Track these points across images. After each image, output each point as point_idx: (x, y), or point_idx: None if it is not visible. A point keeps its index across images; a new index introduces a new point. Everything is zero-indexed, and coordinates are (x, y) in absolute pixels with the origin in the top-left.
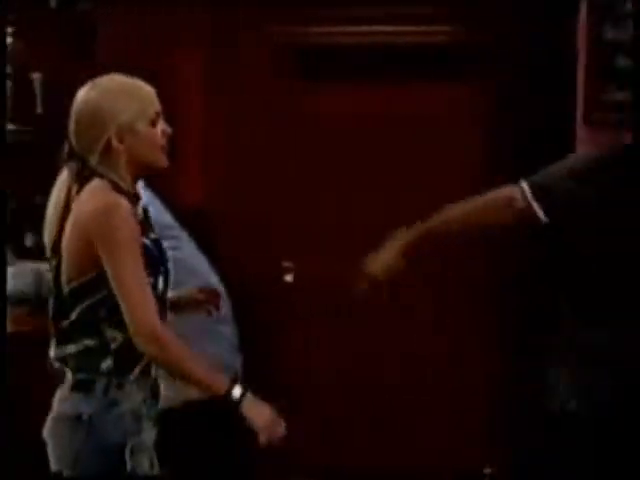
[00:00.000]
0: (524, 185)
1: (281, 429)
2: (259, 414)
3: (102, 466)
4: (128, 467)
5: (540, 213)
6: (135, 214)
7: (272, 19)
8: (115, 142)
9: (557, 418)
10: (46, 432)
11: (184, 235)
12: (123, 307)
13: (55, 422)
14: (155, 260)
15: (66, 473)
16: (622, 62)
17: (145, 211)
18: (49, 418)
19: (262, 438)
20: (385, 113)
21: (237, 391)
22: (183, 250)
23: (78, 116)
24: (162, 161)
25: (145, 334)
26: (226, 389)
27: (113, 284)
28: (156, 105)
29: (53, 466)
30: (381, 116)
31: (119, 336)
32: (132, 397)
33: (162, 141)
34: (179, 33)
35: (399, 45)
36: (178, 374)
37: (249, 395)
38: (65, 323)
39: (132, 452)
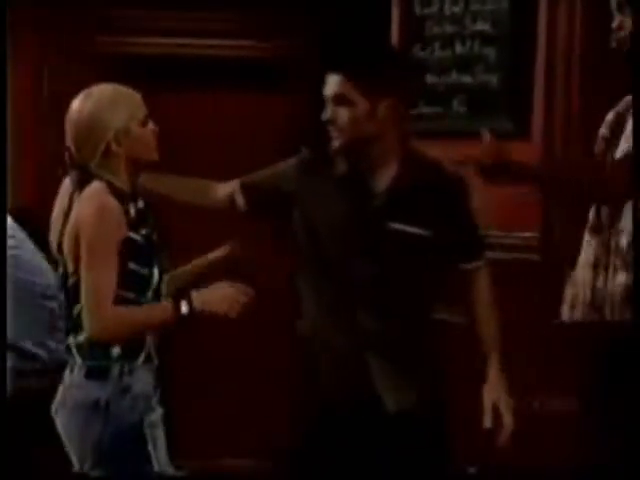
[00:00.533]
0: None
1: (243, 295)
2: (212, 302)
3: (123, 446)
4: (149, 442)
5: (240, 202)
6: (126, 212)
7: (102, 29)
8: (114, 146)
9: None
10: (61, 420)
11: (23, 235)
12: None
13: (71, 410)
14: (146, 253)
15: (89, 459)
16: (430, 79)
17: (144, 207)
18: (59, 405)
19: (231, 315)
20: (204, 122)
21: (184, 307)
22: (24, 249)
23: (77, 126)
24: (155, 156)
25: (94, 337)
26: (175, 313)
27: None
28: (144, 108)
29: (73, 453)
30: (202, 124)
31: None
32: (142, 381)
33: (153, 140)
34: (14, 37)
35: (222, 57)
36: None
37: (194, 296)
38: (74, 313)
39: (151, 427)
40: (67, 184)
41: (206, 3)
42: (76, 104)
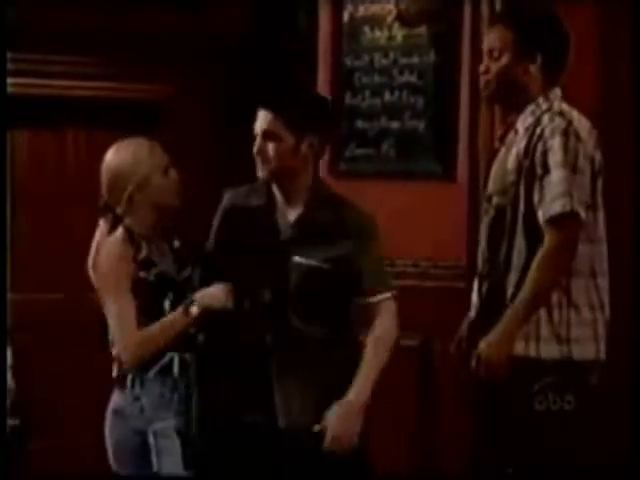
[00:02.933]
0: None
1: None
2: (214, 296)
3: (129, 451)
4: (153, 451)
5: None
6: (135, 256)
7: None
8: (137, 195)
9: None
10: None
11: None
12: None
13: (106, 417)
14: (156, 290)
15: (112, 460)
16: (360, 124)
17: (181, 246)
18: None
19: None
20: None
21: (193, 308)
22: None
23: (106, 176)
24: (175, 202)
25: (129, 366)
26: (186, 317)
27: None
28: (165, 158)
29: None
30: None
31: None
32: (151, 393)
33: (174, 187)
34: None
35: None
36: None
37: (198, 297)
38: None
39: (155, 436)
40: (102, 227)
41: (84, 47)
42: (107, 156)
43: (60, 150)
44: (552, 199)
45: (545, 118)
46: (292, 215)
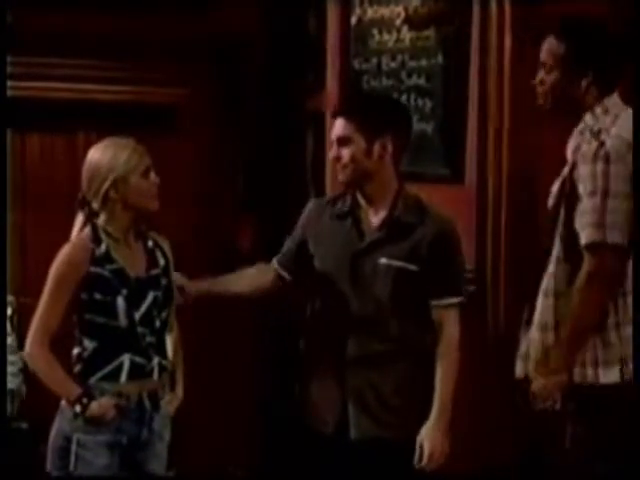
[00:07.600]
0: (274, 259)
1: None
2: (99, 415)
3: (54, 454)
4: (72, 455)
5: (286, 277)
6: (93, 252)
7: None
8: (112, 192)
9: None
10: None
11: None
12: None
13: None
14: (109, 285)
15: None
16: None
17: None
18: None
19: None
20: None
21: (78, 407)
22: None
23: (86, 172)
24: (152, 206)
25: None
26: (71, 404)
27: None
28: (146, 160)
29: None
30: None
31: (90, 345)
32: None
33: (153, 190)
34: None
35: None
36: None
37: (92, 405)
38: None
39: (78, 444)
40: (79, 219)
41: (102, 51)
42: (89, 154)
43: (71, 153)
44: (582, 228)
45: (585, 140)
46: (376, 218)
